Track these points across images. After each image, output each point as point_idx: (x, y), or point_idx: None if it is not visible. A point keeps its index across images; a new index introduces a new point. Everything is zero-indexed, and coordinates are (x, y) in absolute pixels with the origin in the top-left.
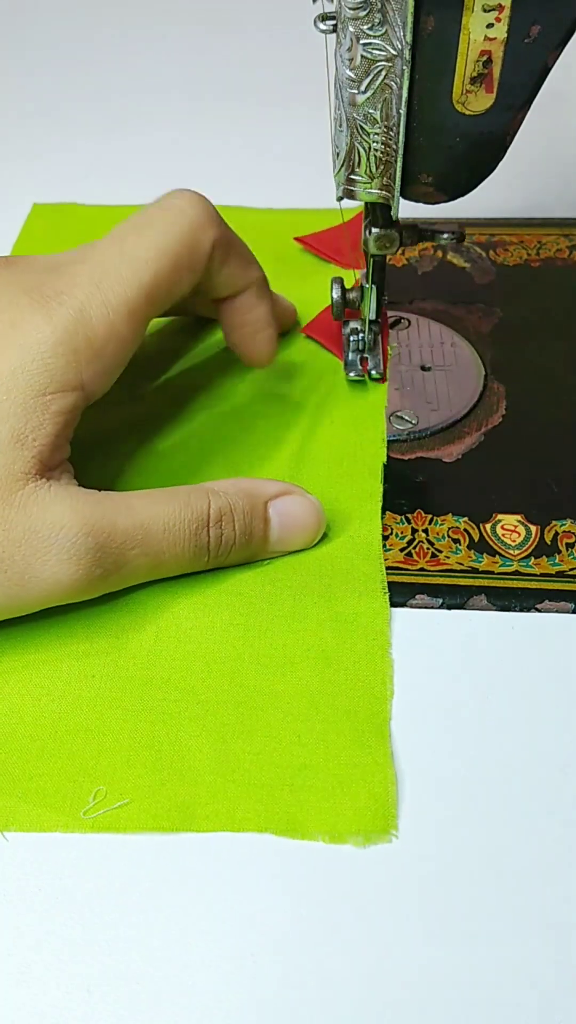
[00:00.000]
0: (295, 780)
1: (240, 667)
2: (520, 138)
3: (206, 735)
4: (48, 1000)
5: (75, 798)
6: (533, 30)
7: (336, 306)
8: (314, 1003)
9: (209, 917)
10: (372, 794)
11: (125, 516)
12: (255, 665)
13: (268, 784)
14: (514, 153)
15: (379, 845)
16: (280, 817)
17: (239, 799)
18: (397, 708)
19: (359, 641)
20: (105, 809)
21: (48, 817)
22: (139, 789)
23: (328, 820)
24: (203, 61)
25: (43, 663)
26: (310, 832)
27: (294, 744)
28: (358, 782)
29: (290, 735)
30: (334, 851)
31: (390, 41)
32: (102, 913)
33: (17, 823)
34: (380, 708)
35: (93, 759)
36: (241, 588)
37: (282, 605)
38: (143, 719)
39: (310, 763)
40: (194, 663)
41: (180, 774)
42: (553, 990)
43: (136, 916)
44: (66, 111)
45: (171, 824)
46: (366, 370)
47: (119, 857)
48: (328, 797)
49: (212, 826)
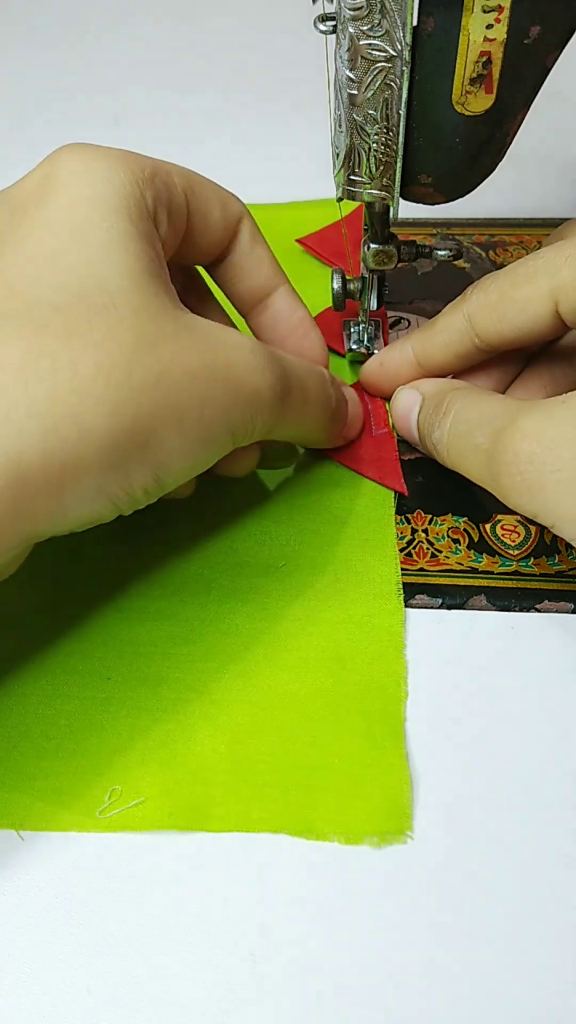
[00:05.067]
0: (309, 781)
1: (254, 668)
2: (520, 138)
3: (220, 735)
4: (48, 1000)
5: (90, 797)
6: (533, 31)
7: (337, 297)
8: (326, 1004)
9: (209, 917)
10: (387, 795)
11: (283, 359)
12: (269, 666)
13: (282, 785)
14: (514, 153)
15: (394, 846)
16: (295, 818)
17: (253, 799)
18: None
19: (373, 642)
20: (120, 808)
21: (63, 816)
22: (153, 788)
23: (343, 821)
24: (204, 61)
25: (59, 665)
26: (325, 833)
27: (308, 745)
28: (373, 783)
29: (304, 736)
30: (349, 852)
31: (390, 42)
32: (102, 913)
33: (32, 822)
34: (395, 709)
35: (108, 758)
36: (255, 590)
37: (296, 607)
38: (157, 719)
39: (324, 764)
40: (207, 664)
41: (194, 773)
42: (569, 991)
43: (136, 916)
44: (67, 108)
45: (186, 823)
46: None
47: (119, 857)
48: (343, 798)
49: (226, 826)
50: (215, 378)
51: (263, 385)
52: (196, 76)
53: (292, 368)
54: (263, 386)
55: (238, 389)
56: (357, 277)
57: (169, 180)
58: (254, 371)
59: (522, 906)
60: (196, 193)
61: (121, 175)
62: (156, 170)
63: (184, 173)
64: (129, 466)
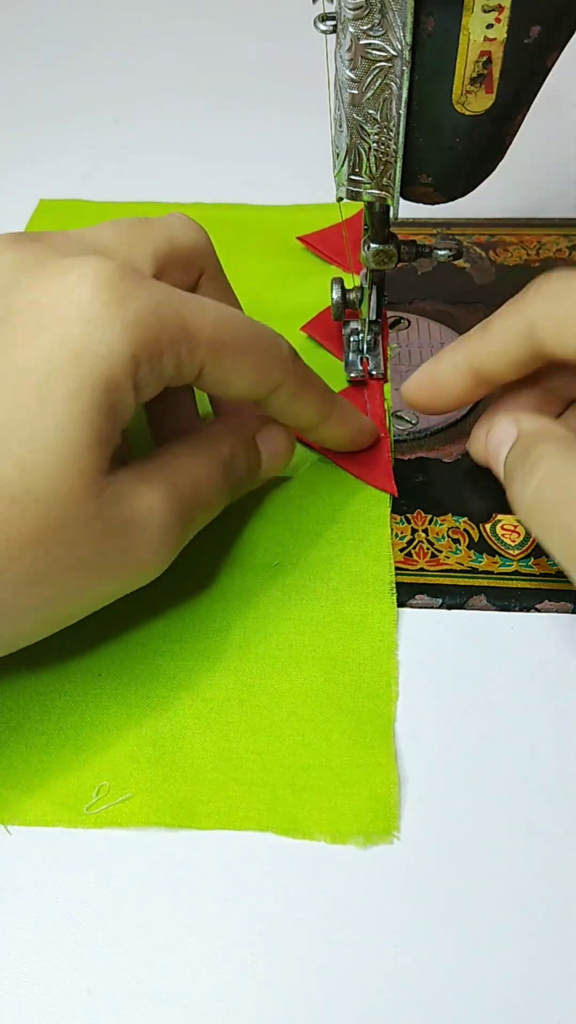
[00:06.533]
0: (297, 780)
1: (245, 666)
2: (520, 138)
3: (209, 732)
4: (48, 1000)
5: (79, 793)
6: (533, 31)
7: (336, 307)
8: (314, 1002)
9: (209, 916)
10: (374, 795)
11: (182, 477)
12: (260, 664)
13: (271, 783)
14: (514, 153)
15: (380, 846)
16: (282, 816)
17: (241, 797)
18: (396, 708)
19: (365, 642)
20: (108, 804)
21: (52, 812)
22: (141, 784)
23: (330, 820)
24: (205, 61)
25: (50, 661)
26: (312, 832)
27: (297, 744)
28: (361, 783)
29: (294, 734)
30: (335, 852)
31: (390, 42)
32: (102, 913)
33: (21, 817)
34: (385, 709)
35: (96, 755)
36: (248, 589)
37: (289, 606)
38: (147, 716)
39: (313, 763)
40: (199, 662)
41: (183, 771)
42: (555, 990)
43: (136, 916)
44: (71, 108)
45: (173, 820)
46: (366, 370)
47: (119, 857)
48: (330, 797)
49: (214, 823)
50: (106, 564)
51: (156, 565)
52: (196, 76)
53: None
54: (155, 566)
55: (125, 570)
56: (356, 287)
57: (187, 354)
58: (151, 551)
59: (510, 907)
60: (222, 365)
61: (119, 348)
62: (174, 341)
63: (217, 343)
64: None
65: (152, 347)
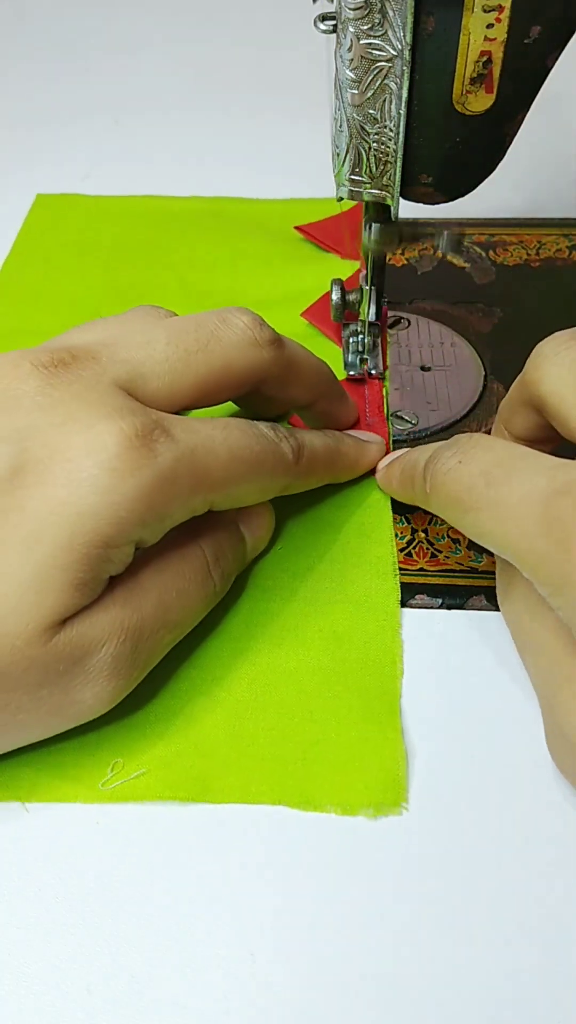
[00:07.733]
0: (308, 754)
1: (252, 646)
2: (520, 138)
3: (220, 710)
4: (48, 1000)
5: (93, 769)
6: (533, 31)
7: (336, 309)
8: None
9: (212, 915)
10: (383, 768)
11: (149, 598)
12: (267, 644)
13: (281, 758)
14: (514, 153)
15: (390, 817)
16: (293, 790)
17: (253, 772)
18: (402, 684)
19: (370, 621)
20: (122, 780)
21: (67, 788)
22: (155, 760)
23: (340, 793)
24: (205, 60)
25: None
26: (322, 805)
27: (306, 720)
28: (369, 756)
29: (303, 711)
30: (346, 823)
31: (390, 41)
32: (102, 912)
33: (37, 794)
34: (391, 685)
35: (111, 732)
36: (254, 571)
37: (294, 587)
38: (159, 695)
39: (322, 738)
40: (208, 642)
41: (195, 747)
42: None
43: (136, 916)
44: (69, 103)
45: (187, 794)
46: (366, 370)
47: (118, 857)
48: (340, 771)
49: (227, 798)
50: (40, 708)
51: (99, 707)
52: (196, 76)
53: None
54: (98, 707)
55: (59, 716)
56: (356, 288)
57: (199, 502)
58: (92, 693)
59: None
60: (230, 496)
61: (125, 516)
62: (186, 496)
63: (226, 482)
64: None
65: (161, 509)
